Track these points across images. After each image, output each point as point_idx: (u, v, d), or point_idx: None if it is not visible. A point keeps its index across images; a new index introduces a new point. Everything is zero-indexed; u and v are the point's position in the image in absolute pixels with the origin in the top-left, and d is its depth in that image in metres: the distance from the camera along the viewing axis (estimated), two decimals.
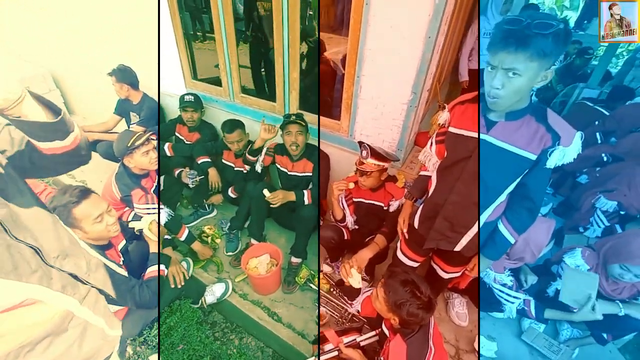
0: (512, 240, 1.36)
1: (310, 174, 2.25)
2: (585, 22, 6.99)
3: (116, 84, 2.78)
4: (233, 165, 2.67)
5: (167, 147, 2.70)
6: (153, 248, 1.75)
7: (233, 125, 2.44)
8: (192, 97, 2.64)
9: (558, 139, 1.12)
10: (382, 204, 2.02)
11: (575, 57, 4.74)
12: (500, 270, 1.69)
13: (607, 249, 1.67)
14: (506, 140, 1.17)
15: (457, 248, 1.45)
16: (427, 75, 1.85)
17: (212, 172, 2.55)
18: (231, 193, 2.66)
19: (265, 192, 2.13)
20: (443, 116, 1.43)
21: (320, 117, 2.34)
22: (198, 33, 6.87)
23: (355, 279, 1.68)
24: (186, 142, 2.84)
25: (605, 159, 2.88)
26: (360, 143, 1.84)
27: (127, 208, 2.17)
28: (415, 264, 1.75)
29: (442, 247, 1.49)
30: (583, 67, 4.66)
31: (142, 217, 1.99)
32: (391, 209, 1.99)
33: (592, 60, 4.69)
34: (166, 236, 2.26)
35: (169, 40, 2.65)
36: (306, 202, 2.18)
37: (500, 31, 1.03)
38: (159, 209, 2.09)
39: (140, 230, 1.82)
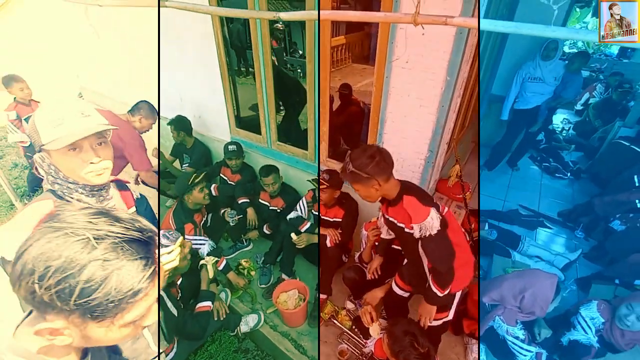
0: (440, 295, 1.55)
1: (340, 220, 2.48)
2: (630, 50, 6.73)
3: (174, 132, 3.26)
4: (268, 204, 2.98)
5: (213, 188, 3.08)
6: (204, 285, 2.05)
7: (269, 170, 2.76)
8: (235, 147, 3.02)
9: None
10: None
11: (613, 90, 4.63)
12: (513, 323, 1.78)
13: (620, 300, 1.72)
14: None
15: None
16: (443, 135, 2.05)
17: (250, 211, 2.88)
18: (266, 229, 2.96)
19: (293, 235, 2.40)
20: None
21: None
22: (242, 69, 7.58)
23: (374, 330, 1.85)
24: (229, 182, 3.23)
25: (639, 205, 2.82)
26: None
27: None
28: (406, 294, 1.95)
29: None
30: (621, 101, 4.54)
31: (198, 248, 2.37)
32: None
33: (630, 94, 4.55)
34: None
35: (216, 85, 3.07)
36: (328, 245, 2.41)
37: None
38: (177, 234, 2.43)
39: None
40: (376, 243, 2.25)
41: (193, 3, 1.72)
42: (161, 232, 1.72)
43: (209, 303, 1.92)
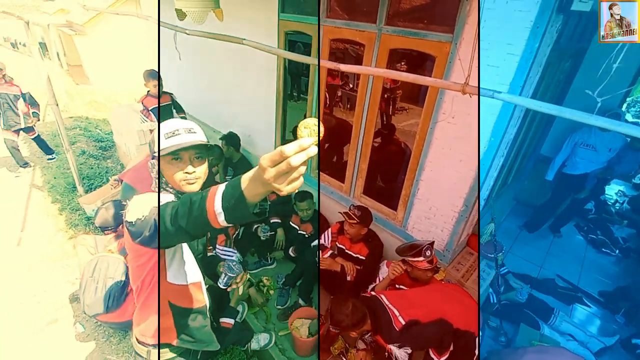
0: None
1: (363, 258, 2.51)
2: None
3: (224, 146, 3.54)
4: (298, 228, 3.08)
5: None
6: (233, 302, 2.15)
7: (304, 195, 2.89)
8: None
9: None
10: None
11: None
12: None
13: None
14: None
15: None
16: (480, 192, 2.06)
17: (280, 232, 3.00)
18: (292, 252, 3.05)
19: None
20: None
21: (379, 203, 2.66)
22: (294, 93, 8.00)
23: None
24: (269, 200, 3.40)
25: None
26: (419, 251, 2.04)
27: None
28: None
29: None
30: None
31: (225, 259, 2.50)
32: None
33: None
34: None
35: (269, 108, 3.30)
36: (348, 278, 2.43)
37: None
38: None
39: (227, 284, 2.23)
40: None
41: (265, 44, 1.95)
42: (227, 263, 1.91)
43: (232, 320, 2.00)
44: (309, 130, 0.70)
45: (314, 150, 0.68)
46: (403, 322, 1.73)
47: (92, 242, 2.78)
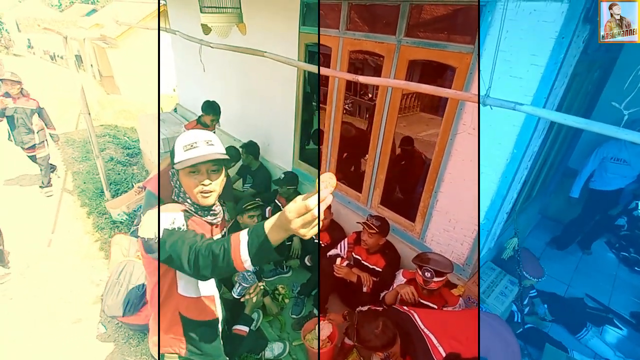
0: None
1: (380, 269, 2.48)
2: None
3: (243, 154, 3.61)
4: (314, 237, 3.08)
5: (267, 211, 3.30)
6: (248, 309, 2.16)
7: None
8: (283, 176, 3.25)
9: None
10: (435, 306, 2.12)
11: None
12: None
13: None
14: None
15: None
16: (503, 205, 2.00)
17: (296, 240, 3.01)
18: (307, 261, 3.05)
19: (338, 261, 2.42)
20: None
21: (397, 214, 2.62)
22: (313, 103, 8.09)
23: None
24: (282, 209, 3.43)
25: None
26: (421, 266, 2.01)
27: None
28: None
29: None
30: None
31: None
32: None
33: None
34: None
35: (289, 118, 3.35)
36: (364, 290, 2.39)
37: None
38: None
39: (241, 294, 2.25)
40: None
41: (286, 56, 2.00)
42: (241, 273, 1.92)
43: (246, 328, 2.01)
44: (325, 183, 0.82)
45: (330, 199, 0.81)
46: (444, 354, 1.56)
47: (126, 244, 2.89)
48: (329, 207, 2.87)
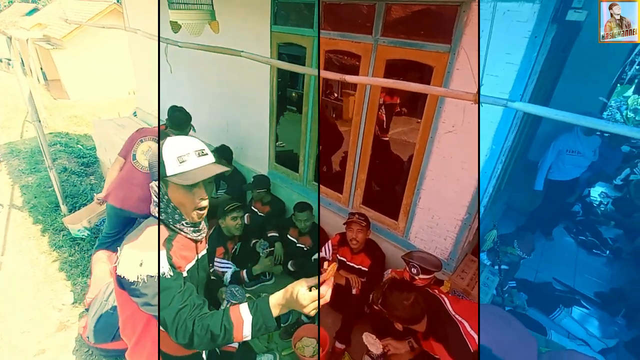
0: None
1: (366, 269, 2.47)
2: None
3: (216, 159, 3.45)
4: (296, 241, 3.02)
5: (246, 217, 3.18)
6: None
7: (304, 206, 2.84)
8: (260, 179, 3.19)
9: None
10: None
11: None
12: None
13: None
14: None
15: None
16: (482, 199, 2.06)
17: (278, 246, 2.92)
18: (290, 266, 2.96)
19: (325, 264, 2.36)
20: None
21: (380, 214, 2.64)
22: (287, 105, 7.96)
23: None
24: (259, 214, 3.32)
25: None
26: (408, 261, 2.04)
27: None
28: None
29: None
30: None
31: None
32: None
33: None
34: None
35: (263, 120, 3.25)
36: (354, 292, 2.37)
37: None
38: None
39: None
40: None
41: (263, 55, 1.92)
42: (229, 289, 1.82)
43: (235, 345, 1.91)
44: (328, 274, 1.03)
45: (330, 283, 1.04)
46: (477, 343, 1.50)
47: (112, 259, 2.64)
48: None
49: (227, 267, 2.65)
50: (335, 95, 8.64)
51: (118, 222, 2.73)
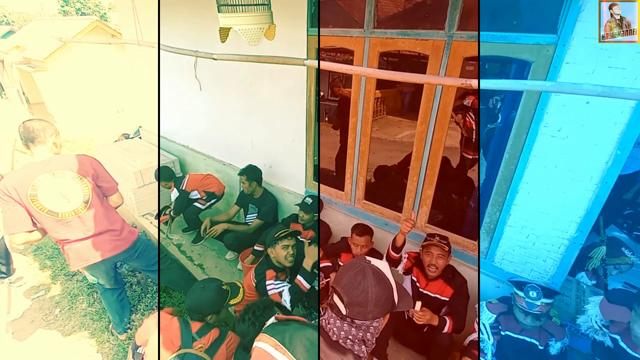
0: None
1: (446, 299, 2.13)
2: None
3: (245, 181, 3.08)
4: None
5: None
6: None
7: (364, 230, 2.49)
8: (312, 201, 2.80)
9: None
10: (537, 343, 1.84)
11: None
12: None
13: None
14: None
15: None
16: (594, 213, 1.76)
17: (333, 276, 2.56)
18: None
19: (417, 304, 1.99)
20: None
21: (455, 234, 2.31)
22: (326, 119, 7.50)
23: None
24: (300, 239, 2.95)
25: None
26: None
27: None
28: None
29: None
30: None
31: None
32: (552, 351, 1.80)
33: None
34: None
35: (297, 134, 2.92)
36: (446, 330, 2.03)
37: None
38: None
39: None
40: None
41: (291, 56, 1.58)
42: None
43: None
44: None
45: None
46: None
47: None
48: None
49: (283, 286, 2.27)
50: (322, 93, 8.28)
51: None
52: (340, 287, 0.95)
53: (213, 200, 3.59)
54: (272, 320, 1.16)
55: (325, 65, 1.52)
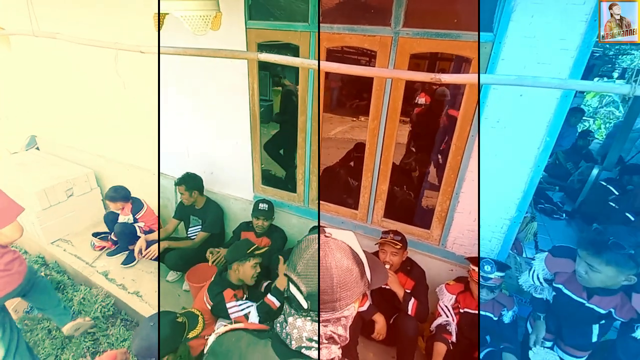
0: None
1: (409, 291, 2.20)
2: None
3: (185, 192, 2.76)
4: None
5: None
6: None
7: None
8: (267, 206, 2.63)
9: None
10: (492, 315, 2.01)
11: (578, 138, 5.24)
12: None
13: None
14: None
15: None
16: (530, 192, 1.97)
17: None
18: None
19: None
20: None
21: (407, 224, 2.39)
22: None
23: None
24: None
25: None
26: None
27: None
28: None
29: None
30: (586, 146, 5.17)
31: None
32: (505, 320, 1.98)
33: (592, 141, 5.24)
34: None
35: (241, 136, 2.72)
36: (410, 310, 2.08)
37: (588, 236, 1.46)
38: None
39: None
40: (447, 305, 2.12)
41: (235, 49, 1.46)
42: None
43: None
44: None
45: None
46: None
47: None
48: None
49: (248, 306, 2.07)
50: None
51: None
52: (296, 273, 0.70)
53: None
54: (221, 329, 0.85)
55: (326, 65, 1.39)
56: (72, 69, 3.38)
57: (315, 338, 0.71)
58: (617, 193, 3.79)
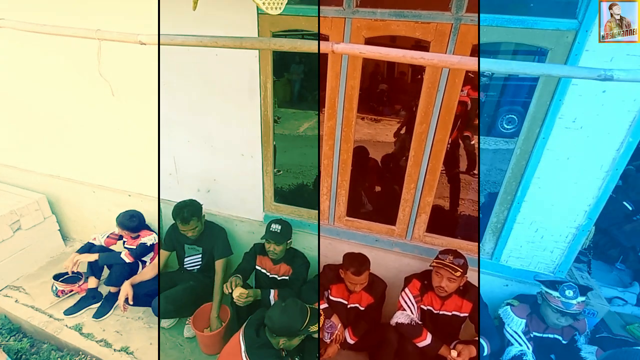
0: None
1: (466, 315, 1.94)
2: None
3: (185, 225, 2.23)
4: (346, 302, 2.22)
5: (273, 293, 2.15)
6: None
7: (361, 262, 2.03)
8: (279, 227, 2.19)
9: None
10: (560, 338, 1.83)
11: None
12: None
13: None
14: None
15: None
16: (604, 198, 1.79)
17: (336, 319, 2.08)
18: (350, 338, 2.17)
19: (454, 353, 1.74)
20: None
21: (452, 238, 2.13)
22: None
23: None
24: (270, 276, 2.33)
25: None
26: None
27: None
28: None
29: None
30: None
31: None
32: (579, 345, 1.80)
33: None
34: None
35: (249, 149, 2.27)
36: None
37: None
38: None
39: None
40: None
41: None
42: None
43: None
44: None
45: None
46: None
47: None
48: None
49: None
50: None
51: None
52: None
53: None
54: None
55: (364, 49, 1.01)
56: (19, 66, 2.63)
57: None
58: None
